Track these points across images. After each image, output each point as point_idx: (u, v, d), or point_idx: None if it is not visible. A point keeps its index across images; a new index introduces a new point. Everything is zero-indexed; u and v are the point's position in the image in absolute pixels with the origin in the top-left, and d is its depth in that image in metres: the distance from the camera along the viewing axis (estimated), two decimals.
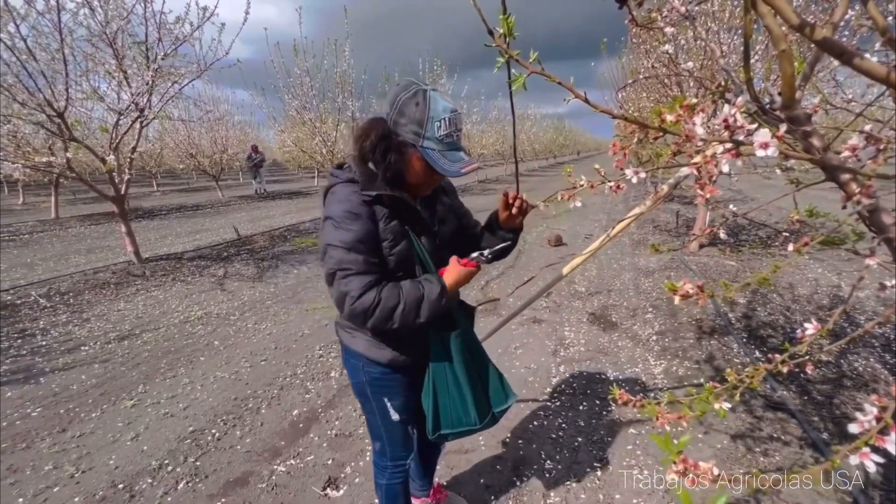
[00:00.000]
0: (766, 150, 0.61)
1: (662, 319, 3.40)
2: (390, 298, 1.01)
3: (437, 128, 0.98)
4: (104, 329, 3.60)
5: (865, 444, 0.61)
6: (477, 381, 1.23)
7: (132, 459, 2.04)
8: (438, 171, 1.00)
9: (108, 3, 4.40)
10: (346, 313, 1.02)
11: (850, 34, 2.47)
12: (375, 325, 1.01)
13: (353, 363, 1.24)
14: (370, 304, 1.00)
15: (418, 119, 0.98)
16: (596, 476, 1.84)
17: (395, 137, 1.01)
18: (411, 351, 1.19)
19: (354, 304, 1.00)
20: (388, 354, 1.18)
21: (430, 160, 0.99)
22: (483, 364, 1.27)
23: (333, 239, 1.03)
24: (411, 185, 1.09)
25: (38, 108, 4.16)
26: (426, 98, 0.98)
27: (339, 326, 1.27)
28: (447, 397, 1.18)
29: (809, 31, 0.63)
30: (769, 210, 7.35)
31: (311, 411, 2.38)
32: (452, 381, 1.18)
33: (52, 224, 8.91)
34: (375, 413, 1.26)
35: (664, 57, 3.96)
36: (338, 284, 1.02)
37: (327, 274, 1.04)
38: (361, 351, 1.19)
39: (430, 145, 0.99)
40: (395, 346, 1.18)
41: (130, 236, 5.28)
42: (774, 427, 2.04)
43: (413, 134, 0.99)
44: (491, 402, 1.25)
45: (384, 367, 1.20)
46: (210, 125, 13.00)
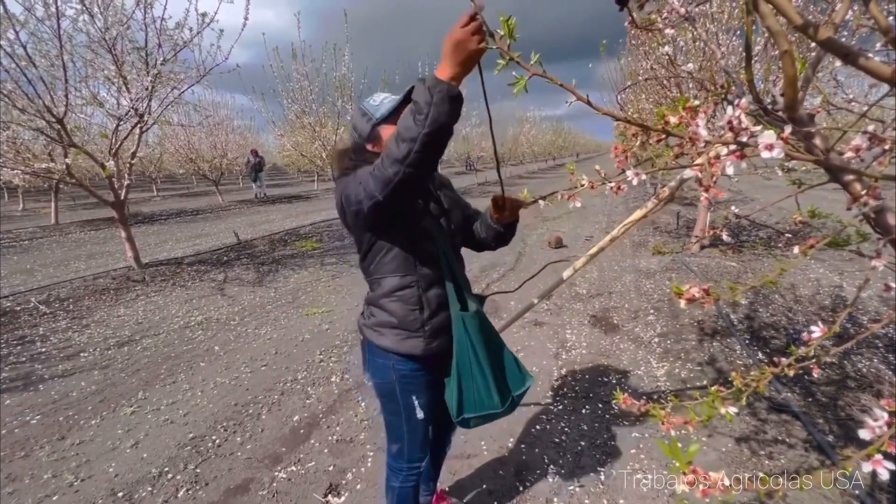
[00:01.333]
0: (772, 152, 0.60)
1: (664, 321, 3.39)
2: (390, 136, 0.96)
3: (373, 101, 1.19)
4: (104, 335, 3.59)
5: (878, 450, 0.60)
6: (496, 365, 1.24)
7: (132, 467, 2.02)
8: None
9: (108, 10, 4.41)
10: (377, 175, 0.96)
11: (850, 34, 2.47)
12: (395, 159, 0.91)
13: (380, 362, 1.24)
14: (383, 153, 0.97)
15: (363, 113, 1.19)
16: (600, 480, 1.82)
17: (366, 140, 1.19)
18: (441, 338, 1.21)
19: (376, 163, 0.98)
20: (420, 345, 1.19)
21: (390, 110, 1.14)
22: (500, 347, 1.28)
23: (354, 177, 1.07)
24: None
25: (37, 114, 4.15)
26: (360, 104, 1.22)
27: (364, 326, 1.27)
28: (470, 379, 1.20)
29: (813, 32, 0.62)
30: (770, 211, 7.34)
31: (312, 417, 2.36)
32: (475, 363, 1.20)
33: (51, 230, 8.91)
34: (401, 413, 1.27)
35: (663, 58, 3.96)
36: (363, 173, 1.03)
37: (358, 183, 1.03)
38: (391, 347, 1.20)
39: (379, 112, 1.16)
40: (427, 335, 1.19)
41: (130, 242, 5.27)
42: (779, 429, 2.03)
43: (367, 123, 1.17)
44: (510, 386, 1.27)
45: (415, 362, 1.21)
46: (210, 130, 13.03)
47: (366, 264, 1.23)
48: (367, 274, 1.24)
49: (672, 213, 7.51)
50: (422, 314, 1.19)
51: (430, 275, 1.19)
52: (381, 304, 1.21)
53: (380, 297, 1.21)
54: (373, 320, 1.24)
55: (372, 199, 0.99)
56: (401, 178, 0.92)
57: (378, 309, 1.22)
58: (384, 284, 1.19)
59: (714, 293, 0.60)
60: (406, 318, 1.18)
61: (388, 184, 0.94)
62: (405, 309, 1.18)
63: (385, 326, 1.21)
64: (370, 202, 1.00)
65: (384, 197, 0.96)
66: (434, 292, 1.20)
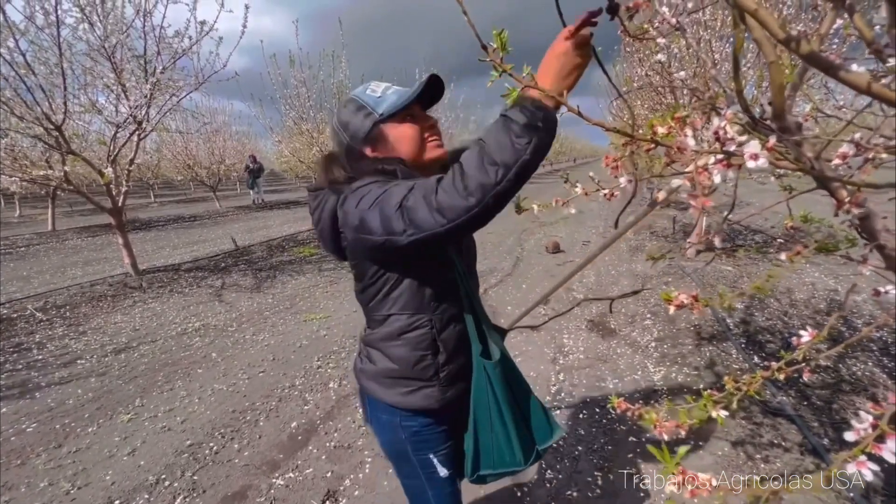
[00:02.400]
0: (757, 162, 0.62)
1: (661, 326, 3.41)
2: (468, 152, 0.75)
3: (374, 93, 0.94)
4: (101, 342, 3.58)
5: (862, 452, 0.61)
6: (520, 417, 1.06)
7: (129, 475, 2.02)
8: (418, 117, 0.94)
9: (108, 18, 4.44)
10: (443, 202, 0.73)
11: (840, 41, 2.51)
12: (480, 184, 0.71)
13: (385, 420, 1.02)
14: (455, 171, 0.74)
15: (358, 107, 0.94)
16: (597, 485, 1.83)
17: (359, 143, 0.94)
18: (458, 384, 1.02)
19: (441, 185, 0.74)
20: (434, 396, 0.99)
21: (399, 105, 0.91)
22: (526, 396, 1.09)
23: (380, 191, 0.81)
24: (417, 165, 0.95)
25: (35, 122, 4.17)
26: (350, 96, 0.97)
27: (361, 374, 1.04)
28: (489, 434, 1.03)
29: (795, 46, 0.64)
30: (765, 215, 7.39)
31: (309, 423, 2.36)
32: (496, 415, 1.02)
33: (48, 236, 8.89)
34: (419, 475, 1.05)
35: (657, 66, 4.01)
36: (412, 197, 0.76)
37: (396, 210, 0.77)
38: (398, 402, 0.99)
39: (383, 106, 0.92)
40: (443, 383, 0.99)
41: (128, 248, 5.27)
42: (774, 433, 2.04)
43: (365, 119, 0.92)
44: (535, 439, 1.10)
45: (426, 416, 1.01)
46: (207, 136, 13.06)
47: (365, 297, 0.99)
48: (367, 308, 1.01)
49: (668, 218, 7.56)
50: (436, 359, 0.97)
51: (447, 310, 0.97)
52: (384, 349, 0.98)
53: (382, 339, 0.98)
54: (373, 368, 1.01)
55: (424, 232, 0.75)
56: (480, 210, 0.72)
57: (379, 354, 0.99)
58: (389, 324, 0.96)
59: (703, 300, 0.62)
60: (416, 366, 0.97)
61: (460, 215, 0.72)
62: (415, 354, 0.96)
63: (389, 377, 0.98)
64: (420, 234, 0.75)
65: (448, 231, 0.73)
66: (451, 331, 0.98)
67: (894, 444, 0.59)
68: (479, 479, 1.09)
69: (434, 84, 0.93)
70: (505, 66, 0.63)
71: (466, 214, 0.72)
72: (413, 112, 0.94)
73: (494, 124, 0.74)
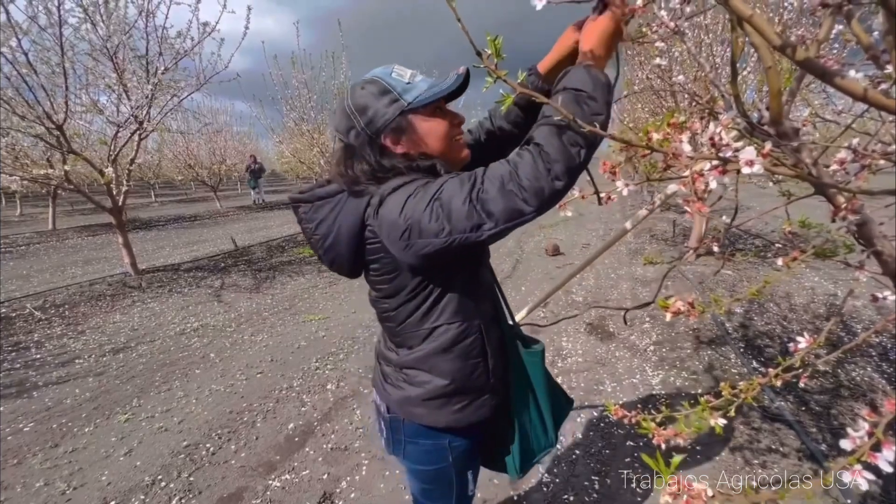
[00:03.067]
0: (752, 168, 0.62)
1: (660, 329, 3.40)
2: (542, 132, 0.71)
3: (401, 77, 0.82)
4: (99, 342, 3.57)
5: (857, 460, 0.61)
6: (550, 401, 1.06)
7: (125, 475, 2.01)
8: (447, 113, 0.86)
9: (111, 18, 4.45)
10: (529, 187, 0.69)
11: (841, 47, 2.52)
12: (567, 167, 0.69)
13: (429, 445, 0.94)
14: (533, 154, 0.70)
15: (382, 90, 0.81)
16: (594, 489, 1.82)
17: (378, 133, 0.82)
18: (502, 387, 0.98)
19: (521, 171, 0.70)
20: (489, 404, 0.94)
21: (432, 96, 0.81)
22: (549, 377, 1.10)
23: (432, 190, 0.74)
24: (443, 163, 0.87)
25: (37, 121, 4.17)
26: (370, 76, 0.84)
27: (404, 403, 0.92)
28: (528, 425, 1.02)
29: (791, 52, 0.64)
30: (766, 219, 7.39)
31: (306, 425, 2.35)
32: (534, 407, 1.02)
33: (49, 235, 8.89)
34: (451, 496, 1.00)
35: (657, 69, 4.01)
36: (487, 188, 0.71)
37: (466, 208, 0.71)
38: (451, 423, 0.91)
39: (413, 94, 0.81)
40: (492, 389, 0.94)
41: (127, 248, 5.27)
42: (772, 438, 2.03)
43: (390, 105, 0.81)
44: (556, 416, 1.10)
45: (475, 431, 0.96)
46: (209, 136, 13.08)
47: (402, 314, 0.88)
48: (404, 326, 0.89)
49: (668, 221, 7.55)
50: (488, 364, 0.91)
51: (488, 312, 0.93)
52: (432, 367, 0.89)
53: (428, 356, 0.88)
54: (418, 392, 0.90)
55: (509, 222, 0.70)
56: (561, 191, 0.70)
57: (425, 373, 0.89)
58: (435, 338, 0.87)
59: (699, 306, 0.62)
60: (470, 377, 0.90)
61: (550, 198, 0.70)
62: (469, 364, 0.89)
63: (441, 395, 0.89)
64: (503, 225, 0.71)
65: (535, 216, 0.71)
66: (493, 333, 0.94)
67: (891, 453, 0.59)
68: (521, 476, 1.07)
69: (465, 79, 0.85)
70: (499, 72, 0.63)
71: (555, 198, 0.70)
72: (441, 106, 0.86)
73: (569, 100, 0.70)
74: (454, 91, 0.83)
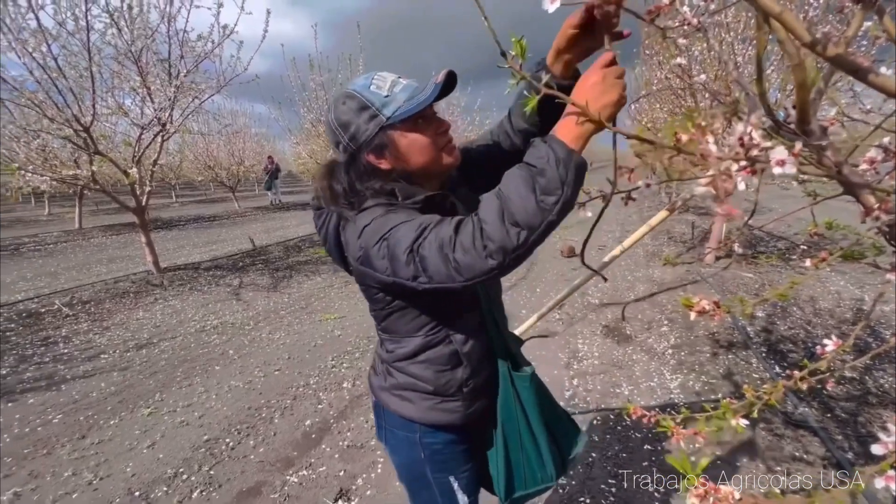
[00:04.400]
0: (783, 168, 0.61)
1: (678, 332, 3.35)
2: (488, 202, 0.68)
3: (379, 89, 0.80)
4: (123, 337, 3.68)
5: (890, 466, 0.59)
6: (548, 429, 1.01)
7: (148, 467, 2.07)
8: (430, 128, 0.82)
9: (135, 23, 4.58)
10: (461, 262, 0.68)
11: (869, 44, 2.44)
12: (501, 247, 0.66)
13: (402, 436, 0.96)
14: (474, 226, 0.68)
15: (361, 106, 0.79)
16: (611, 493, 1.80)
17: (361, 149, 0.82)
18: (483, 398, 0.96)
19: (459, 241, 0.68)
20: (459, 411, 0.93)
21: (411, 110, 0.78)
22: (551, 406, 1.05)
23: (386, 228, 0.75)
24: (429, 173, 0.86)
25: (66, 123, 4.32)
26: (350, 90, 0.82)
27: (379, 390, 0.98)
28: (519, 452, 0.97)
29: (822, 49, 0.63)
30: (788, 221, 7.20)
31: (323, 422, 2.39)
32: (526, 431, 0.97)
33: (75, 234, 9.18)
34: (437, 501, 0.98)
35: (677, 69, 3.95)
36: (427, 246, 0.70)
37: (406, 257, 0.71)
38: (419, 417, 0.92)
39: (392, 108, 0.79)
40: (466, 397, 0.93)
41: (150, 246, 5.40)
42: (796, 445, 1.98)
43: (369, 122, 0.79)
44: (563, 450, 1.04)
45: (448, 432, 0.95)
46: (228, 138, 13.33)
47: (377, 317, 0.94)
48: (381, 329, 0.96)
49: (687, 223, 7.42)
50: (460, 373, 0.91)
51: (468, 322, 0.91)
52: (403, 368, 0.92)
53: (400, 358, 0.92)
54: (391, 381, 0.95)
55: (439, 284, 0.71)
56: (499, 271, 0.68)
57: (399, 372, 0.94)
58: (405, 345, 0.91)
59: (725, 306, 0.61)
60: (438, 381, 0.91)
61: (478, 275, 0.68)
62: (436, 373, 0.90)
63: (410, 390, 0.92)
64: (434, 285, 0.71)
65: (464, 287, 0.70)
66: (473, 343, 0.91)
67: None
68: (514, 502, 1.02)
69: (448, 81, 0.79)
70: (524, 73, 0.62)
71: (485, 275, 0.68)
72: (424, 113, 0.81)
73: (517, 175, 0.67)
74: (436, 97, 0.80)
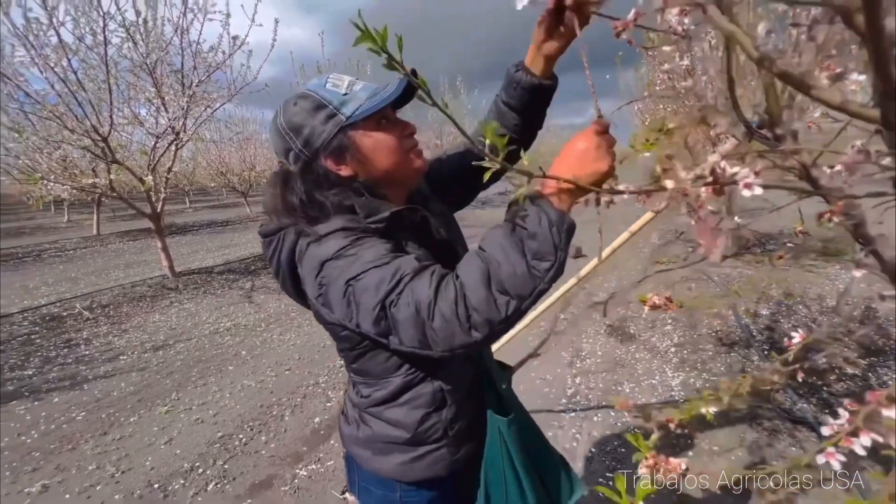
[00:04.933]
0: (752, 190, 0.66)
1: (682, 331, 3.37)
2: (471, 265, 0.61)
3: (337, 88, 0.72)
4: (141, 340, 3.82)
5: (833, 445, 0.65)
6: (538, 477, 0.89)
7: (166, 461, 2.17)
8: (395, 123, 0.76)
9: (150, 36, 4.75)
10: (439, 332, 0.60)
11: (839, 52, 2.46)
12: (487, 319, 0.58)
13: (381, 495, 0.84)
14: (457, 292, 0.59)
15: (316, 106, 0.71)
16: (609, 486, 1.85)
17: (318, 154, 0.72)
18: (469, 442, 0.84)
19: (438, 308, 0.59)
20: (445, 460, 0.80)
21: (373, 107, 0.70)
22: (544, 451, 0.95)
23: (353, 271, 0.64)
24: (396, 180, 0.77)
25: (85, 134, 4.50)
26: (302, 91, 0.74)
27: (350, 441, 0.85)
28: (502, 498, 0.86)
29: (769, 65, 0.69)
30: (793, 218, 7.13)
31: (332, 419, 2.47)
32: (511, 476, 0.84)
33: (93, 240, 9.46)
34: None
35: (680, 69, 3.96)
36: (401, 307, 0.61)
37: (376, 314, 0.62)
38: (398, 475, 0.80)
39: (352, 107, 0.71)
40: (452, 442, 0.81)
41: (166, 252, 5.57)
42: (792, 440, 2.01)
43: (327, 121, 0.70)
44: (553, 499, 0.93)
45: (432, 487, 0.83)
46: (239, 144, 13.60)
47: (347, 358, 0.81)
48: (352, 369, 0.83)
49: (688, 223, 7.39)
50: (443, 415, 0.79)
51: (452, 359, 0.77)
52: (379, 413, 0.80)
53: (376, 403, 0.79)
54: (367, 432, 0.81)
55: (413, 349, 0.63)
56: (479, 342, 0.60)
57: (374, 418, 0.81)
58: (382, 387, 0.78)
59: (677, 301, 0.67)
60: (420, 427, 0.78)
61: (460, 348, 0.61)
62: (418, 414, 0.77)
63: (386, 442, 0.79)
64: (407, 349, 0.63)
65: (442, 358, 0.64)
66: (458, 380, 0.80)
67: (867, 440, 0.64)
68: None
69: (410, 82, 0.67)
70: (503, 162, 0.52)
71: (466, 348, 0.61)
72: (387, 115, 0.75)
73: (504, 236, 0.60)
74: (400, 98, 0.72)
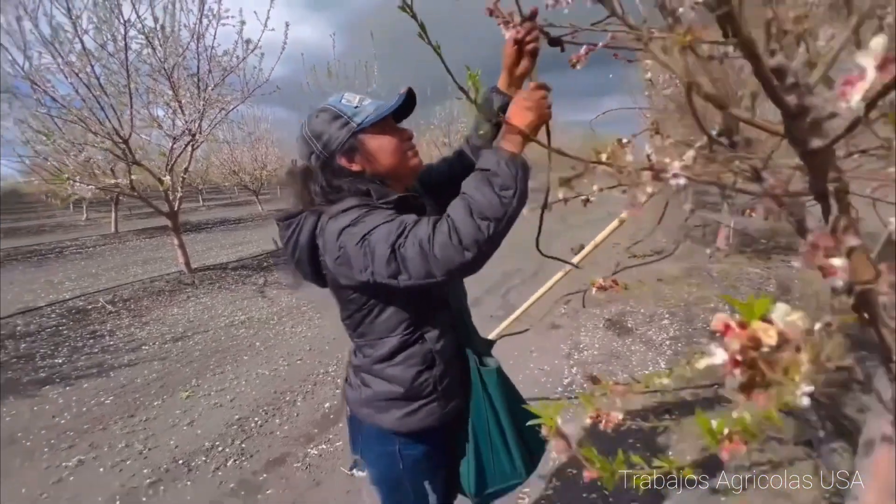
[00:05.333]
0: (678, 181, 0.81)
1: (678, 325, 3.48)
2: (456, 205, 0.78)
3: (350, 102, 0.91)
4: (161, 331, 4.03)
5: None
6: (517, 426, 1.03)
7: (189, 440, 2.36)
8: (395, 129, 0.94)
9: (167, 42, 4.96)
10: (440, 257, 0.75)
11: None
12: (475, 240, 0.75)
13: (382, 450, 0.99)
14: (449, 225, 0.76)
15: (334, 116, 0.90)
16: None
17: (334, 154, 0.91)
18: (457, 398, 1.00)
19: (436, 239, 0.75)
20: (436, 413, 0.96)
21: (378, 115, 0.89)
22: (520, 404, 1.07)
23: (367, 228, 0.81)
24: (397, 175, 0.96)
25: (107, 136, 4.73)
26: (322, 106, 0.94)
27: (355, 404, 1.01)
28: (488, 447, 1.01)
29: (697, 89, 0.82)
30: None
31: (340, 404, 2.64)
32: (495, 426, 1.00)
33: (112, 238, 9.79)
34: (410, 500, 1.02)
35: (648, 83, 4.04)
36: (408, 247, 0.77)
37: (387, 256, 0.78)
38: (397, 426, 0.96)
39: (361, 116, 0.90)
40: (441, 395, 0.97)
41: (182, 248, 5.80)
42: (771, 427, 2.13)
43: (342, 129, 0.89)
44: (532, 448, 1.07)
45: (426, 441, 0.99)
46: (251, 144, 13.88)
47: (351, 323, 0.97)
48: (355, 334, 0.99)
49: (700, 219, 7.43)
50: (434, 372, 0.95)
51: (439, 322, 0.96)
52: (379, 372, 0.95)
53: (375, 362, 0.95)
54: (368, 392, 0.97)
55: (421, 280, 0.78)
56: (477, 260, 0.76)
57: (374, 378, 0.97)
58: (381, 347, 0.94)
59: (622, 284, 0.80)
60: (415, 383, 0.94)
61: (458, 267, 0.76)
62: (413, 371, 0.94)
63: (386, 399, 0.95)
64: (417, 281, 0.78)
65: (445, 280, 0.78)
66: (445, 342, 0.97)
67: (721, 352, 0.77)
68: (486, 499, 1.07)
69: (409, 98, 0.93)
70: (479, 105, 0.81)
71: (462, 267, 0.76)
72: (390, 123, 0.94)
73: (476, 178, 0.79)
74: (401, 109, 0.92)
